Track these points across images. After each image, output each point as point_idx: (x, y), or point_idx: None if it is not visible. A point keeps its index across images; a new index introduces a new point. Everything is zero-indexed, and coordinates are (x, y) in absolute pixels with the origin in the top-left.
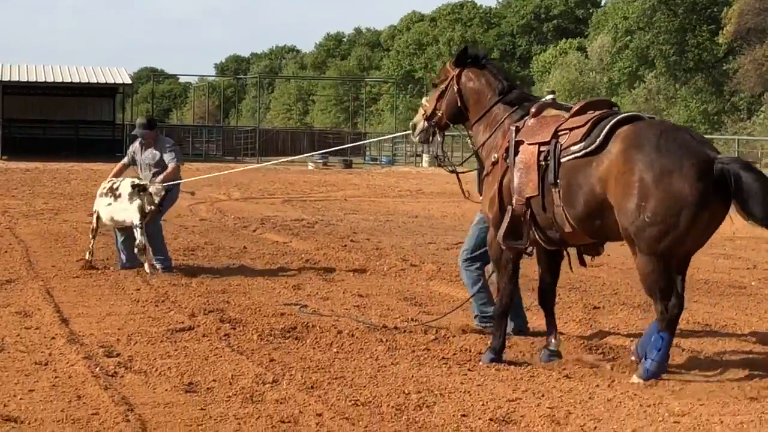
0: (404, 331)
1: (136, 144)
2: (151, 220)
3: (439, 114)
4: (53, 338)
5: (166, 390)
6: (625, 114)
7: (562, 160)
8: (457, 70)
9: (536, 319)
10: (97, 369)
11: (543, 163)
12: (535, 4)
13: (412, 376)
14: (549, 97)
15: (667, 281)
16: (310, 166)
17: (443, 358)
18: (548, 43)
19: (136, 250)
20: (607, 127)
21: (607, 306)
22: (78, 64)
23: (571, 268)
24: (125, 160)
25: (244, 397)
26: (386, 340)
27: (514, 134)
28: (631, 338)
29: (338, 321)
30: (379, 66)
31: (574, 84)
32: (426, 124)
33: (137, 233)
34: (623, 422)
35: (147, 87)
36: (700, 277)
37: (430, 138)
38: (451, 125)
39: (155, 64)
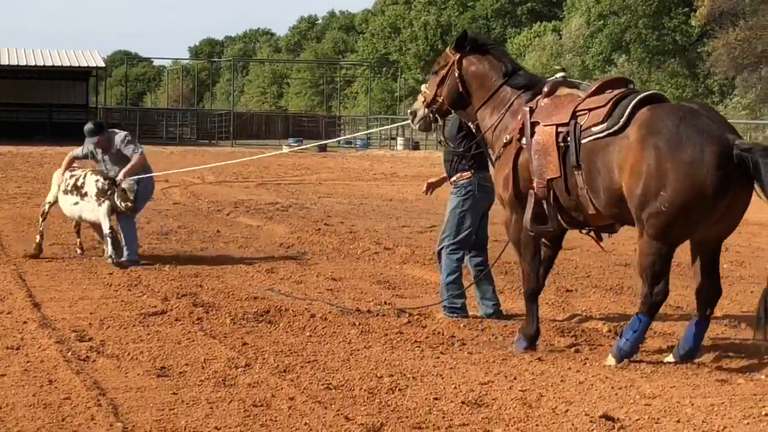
0: (377, 315)
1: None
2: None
3: (440, 100)
4: (25, 323)
5: (138, 374)
6: (646, 93)
7: (583, 141)
8: (457, 55)
9: (508, 302)
10: (69, 353)
11: (562, 144)
12: None
13: (385, 360)
14: (560, 75)
15: (662, 266)
16: (285, 149)
17: (416, 341)
18: (523, 26)
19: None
20: (630, 107)
21: (579, 289)
22: (50, 47)
23: (600, 247)
24: (78, 152)
25: (217, 381)
26: (359, 324)
27: (528, 115)
28: (604, 321)
29: (311, 305)
30: (354, 49)
31: (548, 68)
32: (426, 111)
33: (104, 227)
34: (595, 405)
35: (120, 70)
36: (674, 261)
37: (432, 125)
38: (452, 111)
39: (129, 47)
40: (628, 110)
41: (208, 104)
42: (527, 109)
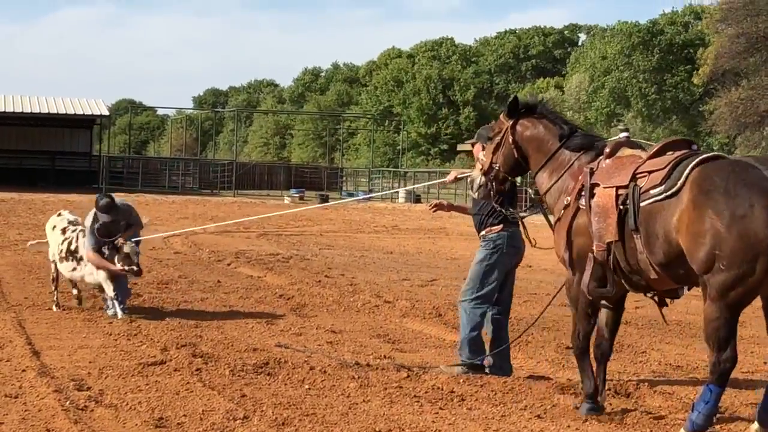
0: (377, 369)
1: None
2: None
3: (497, 167)
4: (24, 371)
5: (136, 425)
6: (705, 155)
7: (642, 204)
8: (510, 122)
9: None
10: (68, 402)
11: (622, 207)
12: (514, 44)
13: (384, 414)
14: (623, 135)
15: (728, 332)
16: (287, 200)
17: (415, 396)
18: (526, 82)
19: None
20: (687, 169)
21: None
22: (56, 95)
23: (663, 318)
24: (95, 243)
25: None
26: (358, 378)
27: (588, 176)
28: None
29: (311, 357)
30: (357, 101)
31: None
32: (484, 179)
33: (108, 290)
34: None
35: (125, 119)
36: (673, 318)
37: (491, 193)
38: (510, 178)
39: (133, 95)
40: (687, 172)
41: (211, 154)
42: (588, 170)
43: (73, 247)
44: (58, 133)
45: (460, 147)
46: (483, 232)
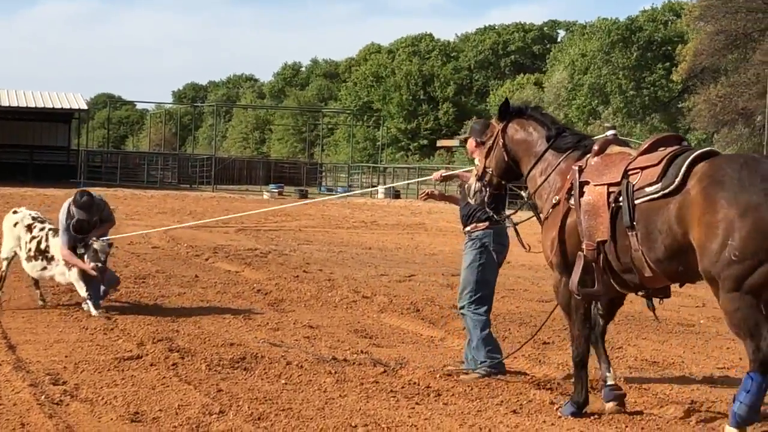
0: (353, 364)
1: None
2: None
3: (490, 172)
4: None
5: (112, 419)
6: (701, 151)
7: (637, 201)
8: (501, 125)
9: None
10: (43, 397)
11: (613, 204)
12: (493, 40)
13: (360, 409)
14: (610, 133)
15: (756, 317)
16: (266, 196)
17: (392, 391)
18: (505, 78)
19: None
20: (685, 165)
21: (557, 341)
22: (34, 89)
23: (655, 316)
24: (68, 239)
25: (190, 428)
26: (335, 373)
27: (577, 174)
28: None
29: (287, 352)
30: (337, 97)
31: None
32: (478, 184)
33: (80, 290)
34: None
35: (103, 113)
36: (650, 314)
37: (485, 198)
38: (503, 183)
39: (112, 90)
40: (684, 168)
41: (190, 149)
42: (576, 168)
43: (43, 246)
44: (36, 127)
45: (439, 143)
46: (468, 228)
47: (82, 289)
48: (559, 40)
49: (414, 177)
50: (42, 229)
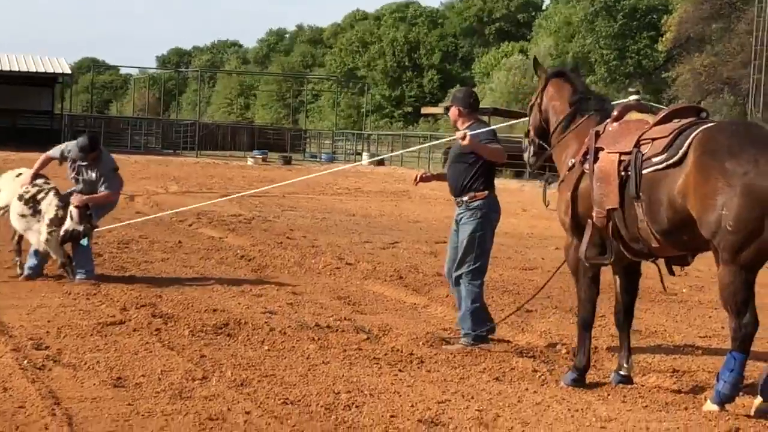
0: (337, 330)
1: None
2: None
3: (532, 131)
4: None
5: (94, 384)
6: (713, 123)
7: (644, 171)
8: (542, 85)
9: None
10: (25, 361)
11: (623, 173)
12: (479, 7)
13: (343, 376)
14: (633, 98)
15: (745, 295)
16: (250, 162)
17: (374, 358)
18: (491, 46)
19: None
20: (691, 137)
21: (539, 310)
22: (17, 53)
23: (663, 286)
24: (55, 153)
25: (173, 394)
26: (318, 339)
27: (594, 140)
28: (563, 342)
29: (271, 318)
30: (322, 63)
31: (518, 87)
32: (526, 143)
33: (58, 256)
34: (551, 426)
35: (87, 77)
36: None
37: (534, 158)
38: (538, 142)
39: (96, 54)
40: (689, 140)
41: (174, 114)
42: (593, 132)
43: (39, 197)
44: (19, 91)
45: (424, 110)
46: (465, 198)
47: (60, 256)
48: (543, 7)
49: (399, 144)
50: (47, 184)
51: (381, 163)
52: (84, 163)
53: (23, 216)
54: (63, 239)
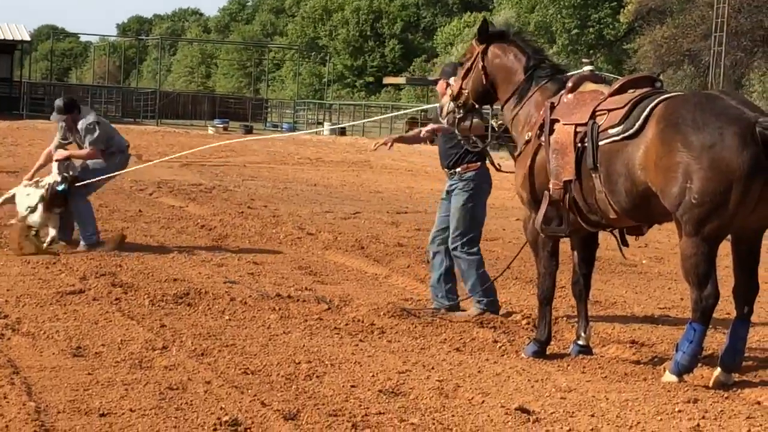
0: (298, 300)
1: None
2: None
3: (465, 94)
4: None
5: (54, 353)
6: (669, 95)
7: (600, 143)
8: (482, 47)
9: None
10: None
11: (580, 145)
12: None
13: (304, 346)
14: (587, 68)
15: (707, 267)
16: (210, 131)
17: (335, 328)
18: (453, 16)
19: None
20: (647, 108)
21: (500, 280)
22: None
23: (622, 254)
24: (54, 145)
25: (133, 363)
26: (279, 309)
27: (549, 111)
28: (523, 313)
29: (231, 288)
30: (284, 32)
31: None
32: (452, 105)
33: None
34: (511, 396)
35: (46, 45)
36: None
37: (457, 119)
38: (477, 106)
39: (56, 21)
40: (646, 112)
41: (135, 82)
42: (548, 104)
43: (42, 183)
44: None
45: (386, 80)
46: (458, 169)
47: (50, 223)
48: None
49: (360, 114)
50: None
51: (343, 133)
52: (63, 125)
53: (29, 195)
54: (49, 197)
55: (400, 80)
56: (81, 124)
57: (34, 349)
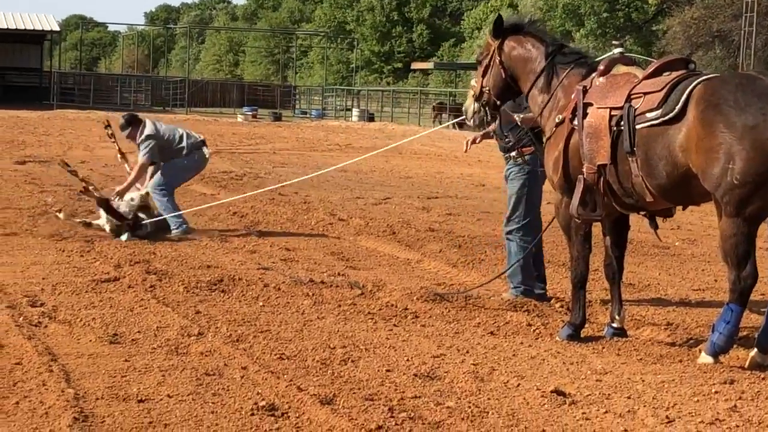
0: (331, 286)
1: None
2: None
3: (487, 92)
4: None
5: (90, 341)
6: (706, 76)
7: (638, 126)
8: (497, 42)
9: (462, 276)
10: (21, 319)
11: (615, 128)
12: None
13: (338, 331)
14: (617, 51)
15: (746, 248)
16: (240, 118)
17: (369, 313)
18: (480, 0)
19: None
20: (686, 91)
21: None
22: (4, 10)
23: (657, 236)
24: (146, 155)
25: (169, 349)
26: (313, 294)
27: (581, 95)
28: (556, 296)
29: (265, 274)
30: (311, 18)
31: None
32: (477, 105)
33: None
34: (546, 379)
35: (75, 35)
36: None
37: (485, 119)
38: (499, 102)
39: (84, 11)
40: (685, 95)
41: (163, 71)
42: (581, 88)
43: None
44: (7, 49)
45: (414, 65)
46: (513, 153)
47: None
48: None
49: (388, 100)
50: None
51: (371, 119)
52: (130, 141)
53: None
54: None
55: (428, 65)
56: (138, 139)
57: (71, 337)
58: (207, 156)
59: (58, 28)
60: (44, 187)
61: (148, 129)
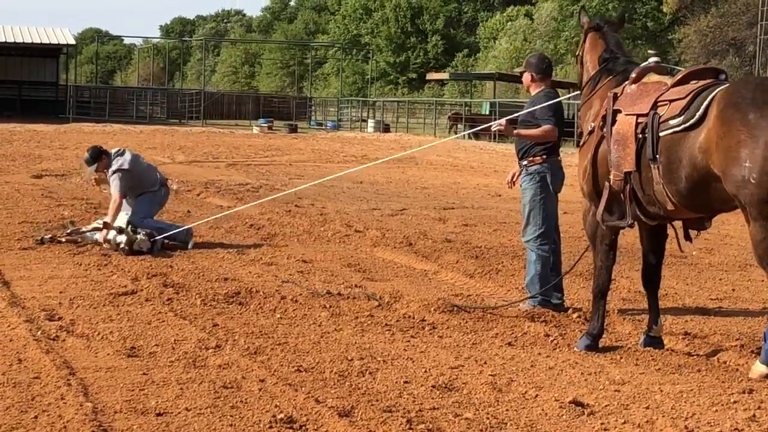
0: (348, 298)
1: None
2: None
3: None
4: None
5: (108, 354)
6: (729, 85)
7: (661, 134)
8: (582, 37)
9: (479, 285)
10: (39, 332)
11: (640, 136)
12: None
13: (356, 343)
14: (652, 60)
15: None
16: (255, 130)
17: (386, 324)
18: (495, 10)
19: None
20: (708, 98)
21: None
22: (21, 24)
23: (679, 246)
24: (117, 189)
25: (187, 362)
26: (330, 307)
27: (612, 102)
28: (573, 307)
29: (282, 286)
30: (326, 30)
31: (521, 52)
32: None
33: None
34: (564, 390)
35: (91, 48)
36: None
37: None
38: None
39: (100, 24)
40: (707, 102)
41: (179, 84)
42: (611, 95)
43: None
44: (24, 63)
45: (429, 76)
46: (525, 162)
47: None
48: None
49: (404, 111)
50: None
51: (387, 130)
52: (98, 175)
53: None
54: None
55: (444, 76)
56: (108, 173)
57: (89, 350)
58: (168, 194)
59: (73, 42)
60: (61, 201)
61: (121, 163)
